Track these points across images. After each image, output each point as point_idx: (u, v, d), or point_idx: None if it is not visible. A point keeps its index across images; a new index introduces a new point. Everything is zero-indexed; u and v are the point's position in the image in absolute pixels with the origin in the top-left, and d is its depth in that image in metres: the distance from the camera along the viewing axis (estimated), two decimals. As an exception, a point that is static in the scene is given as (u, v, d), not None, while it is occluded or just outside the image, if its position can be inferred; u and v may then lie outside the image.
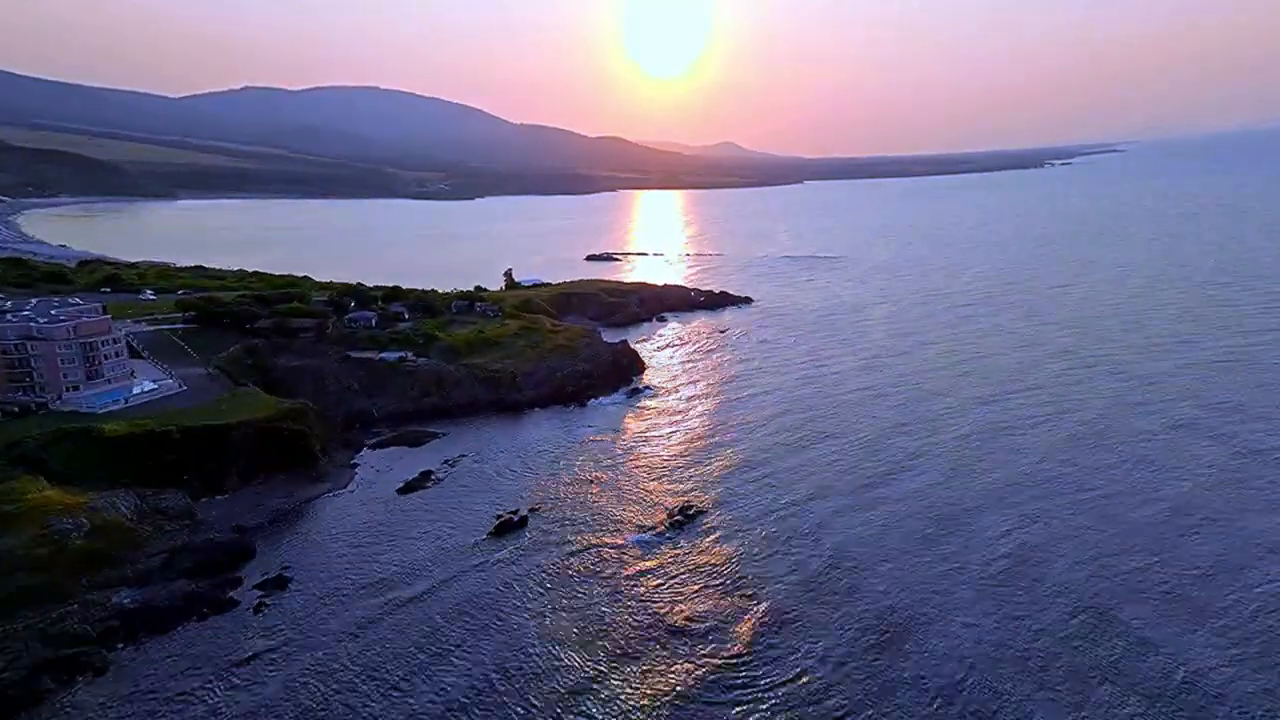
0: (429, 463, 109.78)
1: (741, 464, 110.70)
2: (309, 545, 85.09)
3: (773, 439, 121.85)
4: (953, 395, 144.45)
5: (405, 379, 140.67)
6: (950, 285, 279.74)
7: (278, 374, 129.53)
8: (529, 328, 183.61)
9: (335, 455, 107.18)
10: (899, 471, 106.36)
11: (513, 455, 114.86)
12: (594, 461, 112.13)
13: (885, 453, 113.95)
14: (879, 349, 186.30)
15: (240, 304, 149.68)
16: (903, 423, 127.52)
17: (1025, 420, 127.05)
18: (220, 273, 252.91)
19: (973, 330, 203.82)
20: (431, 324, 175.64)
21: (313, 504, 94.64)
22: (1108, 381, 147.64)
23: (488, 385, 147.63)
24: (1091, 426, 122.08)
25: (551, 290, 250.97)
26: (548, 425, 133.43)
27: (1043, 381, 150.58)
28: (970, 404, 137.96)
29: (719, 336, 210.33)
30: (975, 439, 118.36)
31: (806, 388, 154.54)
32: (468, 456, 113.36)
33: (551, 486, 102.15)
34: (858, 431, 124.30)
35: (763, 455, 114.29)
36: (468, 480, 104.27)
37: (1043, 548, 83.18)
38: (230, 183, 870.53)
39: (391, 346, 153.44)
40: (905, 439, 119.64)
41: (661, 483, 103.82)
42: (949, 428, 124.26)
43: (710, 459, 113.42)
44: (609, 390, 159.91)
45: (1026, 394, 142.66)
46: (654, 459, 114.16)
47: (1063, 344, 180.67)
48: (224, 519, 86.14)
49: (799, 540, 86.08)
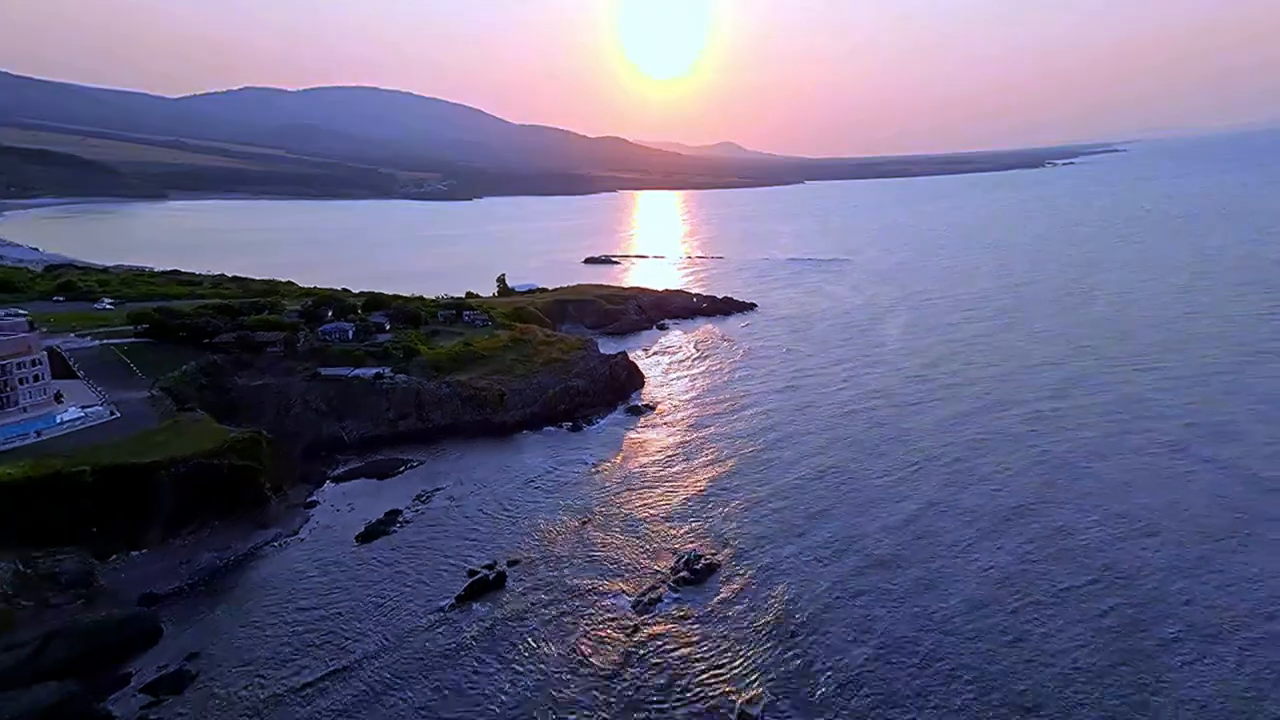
0: (398, 499, 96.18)
1: (753, 501, 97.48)
2: (231, 620, 69.66)
3: (787, 469, 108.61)
4: (976, 415, 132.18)
5: (380, 399, 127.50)
6: (965, 289, 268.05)
7: (237, 395, 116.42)
8: (520, 339, 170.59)
9: (290, 493, 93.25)
10: (932, 510, 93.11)
11: (494, 489, 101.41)
12: (586, 497, 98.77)
13: (911, 484, 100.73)
14: (893, 361, 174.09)
15: (200, 315, 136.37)
16: (929, 448, 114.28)
17: (1071, 451, 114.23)
18: (195, 278, 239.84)
19: (993, 339, 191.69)
20: (414, 336, 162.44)
21: (251, 559, 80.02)
22: (1144, 394, 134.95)
23: (472, 405, 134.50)
24: (1151, 462, 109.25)
25: (546, 297, 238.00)
26: (537, 451, 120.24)
27: (1078, 400, 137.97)
28: (1000, 427, 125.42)
29: (723, 346, 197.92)
30: (1017, 471, 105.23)
31: (819, 406, 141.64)
32: (443, 491, 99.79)
33: (536, 530, 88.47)
34: (879, 459, 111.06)
35: (776, 489, 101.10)
36: (440, 523, 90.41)
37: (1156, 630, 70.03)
38: (224, 183, 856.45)
39: (368, 362, 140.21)
40: (933, 467, 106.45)
41: (663, 524, 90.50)
42: (982, 454, 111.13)
43: (718, 494, 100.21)
44: (606, 408, 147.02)
45: (1063, 416, 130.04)
46: (655, 493, 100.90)
47: (1084, 353, 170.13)
48: (134, 584, 71.02)
49: (833, 610, 71.77)
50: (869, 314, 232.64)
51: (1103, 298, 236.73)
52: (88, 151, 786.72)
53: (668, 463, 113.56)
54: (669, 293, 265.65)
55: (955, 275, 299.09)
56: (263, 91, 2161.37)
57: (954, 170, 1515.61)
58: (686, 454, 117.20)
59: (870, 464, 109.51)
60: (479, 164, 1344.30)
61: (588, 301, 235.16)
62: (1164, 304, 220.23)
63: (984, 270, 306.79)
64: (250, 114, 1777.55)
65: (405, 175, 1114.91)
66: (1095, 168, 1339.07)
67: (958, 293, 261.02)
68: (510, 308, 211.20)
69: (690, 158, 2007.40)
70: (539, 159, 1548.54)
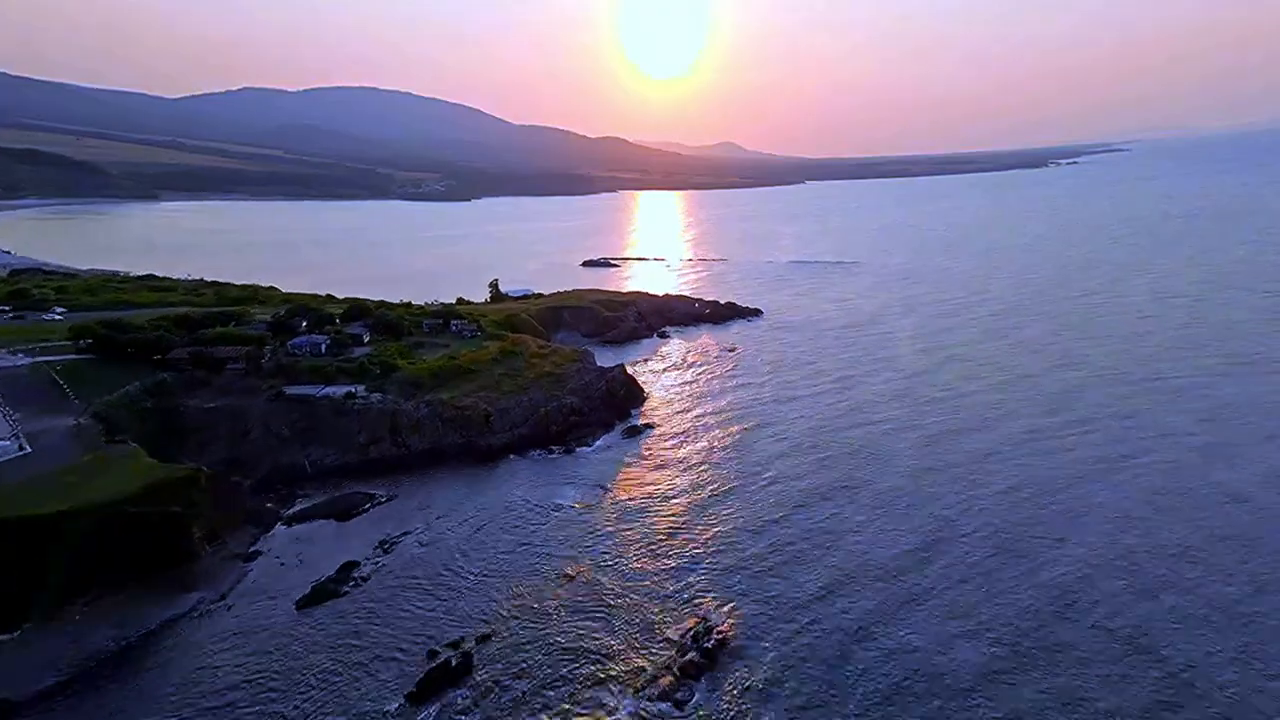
0: (357, 547, 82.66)
1: (771, 547, 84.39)
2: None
3: (805, 506, 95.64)
4: (997, 430, 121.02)
5: (351, 421, 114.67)
6: (976, 294, 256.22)
7: (187, 419, 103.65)
8: (511, 351, 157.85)
9: (230, 541, 79.53)
10: (980, 577, 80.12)
11: (472, 532, 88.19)
12: (576, 544, 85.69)
13: (945, 532, 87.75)
14: (911, 373, 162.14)
15: (156, 328, 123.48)
16: (958, 481, 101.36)
17: (1089, 467, 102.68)
18: (171, 283, 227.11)
19: (1008, 346, 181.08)
20: (395, 348, 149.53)
21: (158, 638, 64.93)
22: (1172, 412, 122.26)
23: (454, 427, 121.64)
24: (1172, 478, 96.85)
25: (541, 303, 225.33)
26: (523, 481, 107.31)
27: (1096, 413, 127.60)
28: (1020, 442, 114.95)
29: (727, 357, 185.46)
30: (1043, 496, 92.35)
31: (833, 425, 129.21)
32: (412, 536, 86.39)
33: (516, 590, 75.13)
34: (908, 491, 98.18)
35: (796, 532, 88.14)
36: (402, 581, 76.79)
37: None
38: (219, 184, 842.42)
39: (340, 379, 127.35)
40: (967, 506, 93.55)
41: (665, 580, 77.45)
42: (1025, 486, 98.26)
43: (726, 537, 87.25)
44: (602, 429, 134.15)
45: (1082, 430, 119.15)
46: (654, 537, 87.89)
47: (1110, 364, 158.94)
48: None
49: (876, 696, 59.04)
50: (879, 320, 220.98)
51: (1125, 303, 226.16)
52: (79, 152, 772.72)
53: (668, 496, 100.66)
54: (670, 298, 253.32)
55: (965, 279, 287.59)
56: (262, 92, 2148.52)
57: (955, 170, 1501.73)
58: (690, 485, 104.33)
59: (896, 502, 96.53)
60: (479, 164, 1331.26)
61: (585, 308, 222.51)
62: (1194, 311, 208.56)
63: (994, 273, 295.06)
64: (249, 114, 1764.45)
65: (403, 175, 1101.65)
66: (1098, 167, 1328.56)
67: (970, 297, 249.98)
68: (502, 315, 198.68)
69: (690, 158, 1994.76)
70: (539, 159, 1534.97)
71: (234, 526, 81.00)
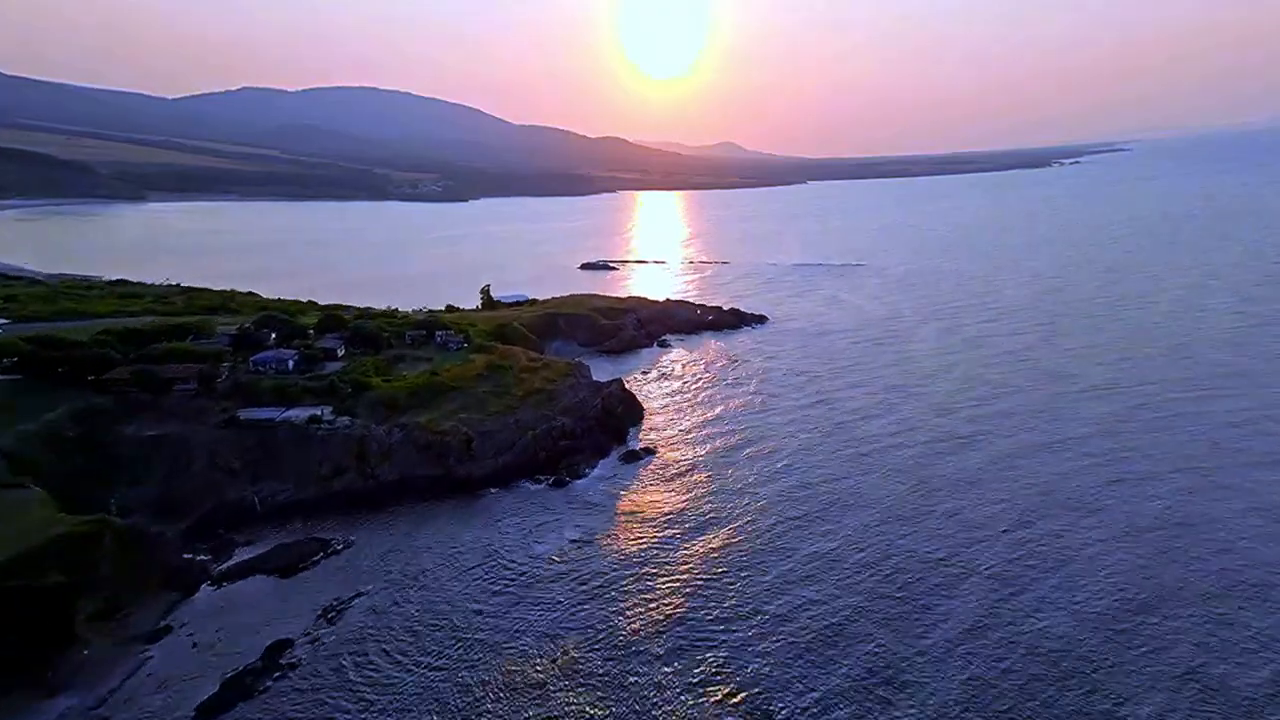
0: (297, 615, 69.03)
1: (785, 610, 71.49)
2: None
3: (821, 553, 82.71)
4: (1038, 455, 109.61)
5: (313, 450, 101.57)
6: (988, 298, 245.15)
7: (120, 451, 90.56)
8: (499, 365, 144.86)
9: (136, 613, 65.03)
10: (1025, 635, 67.19)
11: (437, 593, 74.64)
12: (561, 608, 72.40)
13: (983, 579, 74.87)
14: (930, 386, 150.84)
15: (99, 343, 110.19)
16: (988, 511, 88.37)
17: (1122, 493, 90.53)
18: (141, 289, 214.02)
19: (1033, 358, 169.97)
20: (371, 364, 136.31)
21: None
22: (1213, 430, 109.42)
23: (430, 455, 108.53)
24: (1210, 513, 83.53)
25: (534, 311, 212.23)
26: (505, 521, 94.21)
27: (1130, 427, 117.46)
28: (1045, 463, 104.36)
29: (732, 369, 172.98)
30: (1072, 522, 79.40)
31: (850, 450, 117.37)
32: (365, 598, 72.97)
33: (484, 683, 61.26)
34: (935, 536, 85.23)
35: (821, 587, 75.28)
36: (342, 670, 62.18)
37: None
38: (212, 184, 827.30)
39: (305, 399, 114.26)
40: (1001, 542, 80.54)
41: (668, 660, 64.32)
42: (1055, 513, 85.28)
43: (738, 595, 74.33)
44: (596, 454, 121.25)
45: (1114, 448, 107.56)
46: (654, 595, 74.86)
47: (1135, 373, 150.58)
48: None
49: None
50: (891, 327, 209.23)
51: (1140, 306, 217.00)
52: (67, 151, 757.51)
53: (671, 542, 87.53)
54: (671, 303, 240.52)
55: (977, 282, 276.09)
56: (262, 92, 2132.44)
57: (956, 170, 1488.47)
58: (695, 527, 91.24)
59: (926, 544, 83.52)
60: (478, 164, 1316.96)
61: (581, 316, 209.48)
62: (1212, 315, 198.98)
63: (1007, 276, 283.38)
64: (249, 114, 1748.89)
65: (400, 176, 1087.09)
66: (1100, 167, 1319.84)
67: (983, 302, 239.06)
68: (493, 324, 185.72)
69: (690, 158, 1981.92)
70: (539, 159, 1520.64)
71: (146, 592, 67.02)
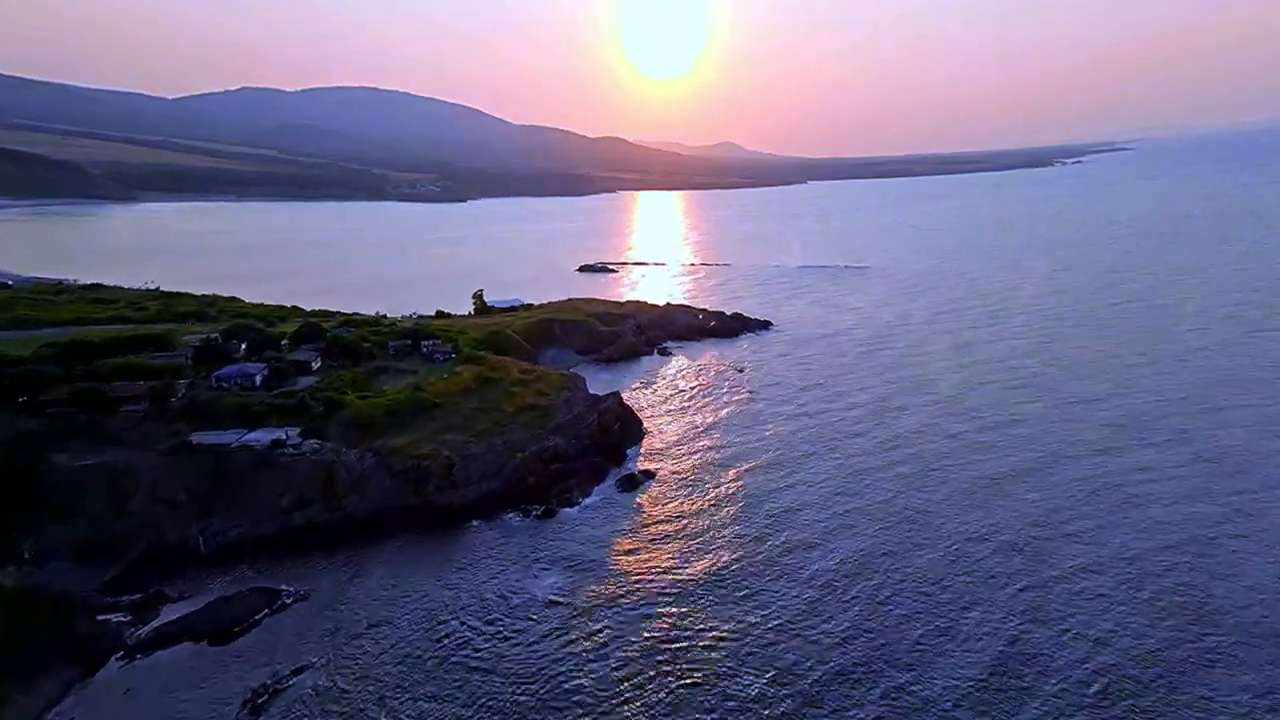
0: (219, 700, 56.89)
1: (813, 670, 61.28)
2: None
3: (842, 603, 72.51)
4: (1067, 474, 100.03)
5: (273, 479, 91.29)
6: (1000, 301, 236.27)
7: (48, 483, 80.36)
8: (488, 378, 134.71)
9: (14, 705, 52.67)
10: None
11: (398, 661, 63.90)
12: (548, 680, 61.74)
13: (1023, 628, 64.57)
14: (947, 396, 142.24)
15: (42, 358, 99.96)
16: (1019, 539, 78.08)
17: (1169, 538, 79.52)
18: (115, 294, 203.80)
19: (1051, 363, 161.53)
20: (349, 377, 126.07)
21: None
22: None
23: (407, 483, 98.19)
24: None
25: (529, 318, 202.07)
26: (488, 562, 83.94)
27: (1175, 455, 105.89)
28: (1068, 482, 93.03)
29: (737, 379, 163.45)
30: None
31: (868, 467, 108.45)
32: (310, 672, 61.69)
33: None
34: (970, 573, 74.93)
35: (850, 647, 65.07)
36: None
37: None
38: (205, 184, 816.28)
39: (271, 419, 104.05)
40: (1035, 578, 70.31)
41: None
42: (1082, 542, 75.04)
43: (763, 663, 64.08)
44: (592, 478, 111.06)
45: (1163, 478, 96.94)
46: (660, 664, 64.53)
47: (1162, 383, 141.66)
48: None
49: None
50: (902, 334, 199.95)
51: (1155, 309, 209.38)
52: (59, 151, 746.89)
53: (675, 588, 77.32)
54: (671, 308, 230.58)
55: (986, 284, 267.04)
56: (261, 91, 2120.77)
57: (958, 170, 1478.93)
58: (699, 572, 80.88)
59: (963, 587, 73.24)
60: (478, 164, 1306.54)
61: (578, 323, 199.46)
62: (1232, 319, 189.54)
63: (1017, 278, 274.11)
64: (248, 114, 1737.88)
65: (398, 176, 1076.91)
66: (1103, 167, 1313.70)
67: (994, 305, 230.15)
68: (485, 331, 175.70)
69: (690, 158, 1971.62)
70: (539, 159, 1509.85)
71: (39, 673, 55.77)
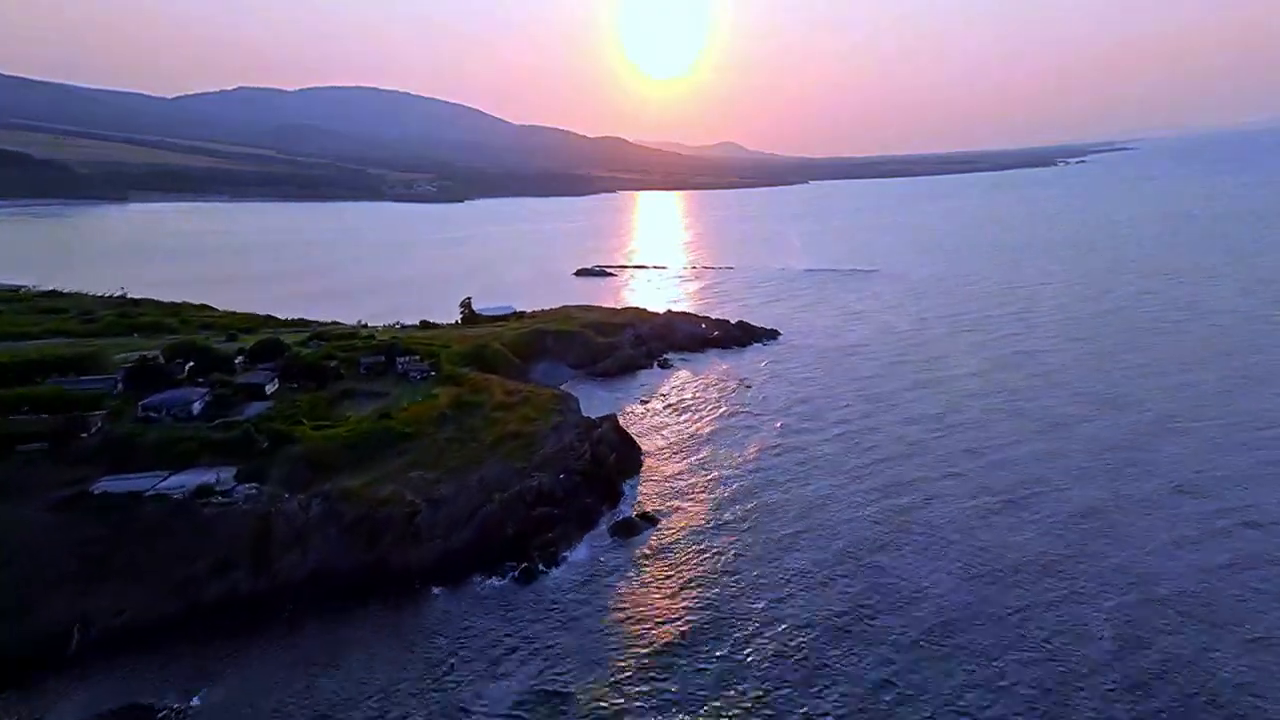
0: None
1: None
2: None
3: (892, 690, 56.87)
4: (1094, 511, 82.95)
5: (189, 538, 75.59)
6: (1026, 307, 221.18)
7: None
8: (468, 400, 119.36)
9: None
10: None
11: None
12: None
13: None
14: (982, 421, 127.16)
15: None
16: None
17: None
18: (69, 301, 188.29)
19: (1084, 376, 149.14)
20: (306, 403, 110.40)
21: None
22: None
23: (358, 537, 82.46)
24: None
25: (520, 327, 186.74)
26: (445, 647, 68.05)
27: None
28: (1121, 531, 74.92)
29: (745, 397, 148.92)
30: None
31: (902, 509, 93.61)
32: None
33: None
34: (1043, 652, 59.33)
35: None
36: None
37: None
38: (199, 184, 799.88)
39: (204, 458, 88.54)
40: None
41: None
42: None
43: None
44: (582, 524, 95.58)
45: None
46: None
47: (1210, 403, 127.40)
48: None
49: None
50: (918, 344, 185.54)
51: (1187, 314, 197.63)
52: (48, 150, 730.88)
53: (676, 691, 61.55)
54: (673, 316, 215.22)
55: (1004, 289, 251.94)
56: (261, 91, 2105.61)
57: (960, 169, 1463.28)
58: (712, 661, 65.22)
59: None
60: (478, 164, 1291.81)
61: (573, 333, 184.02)
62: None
63: (1037, 282, 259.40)
64: (247, 114, 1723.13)
65: (395, 176, 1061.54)
66: (1105, 167, 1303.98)
67: (1017, 312, 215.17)
68: (469, 345, 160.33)
69: (691, 158, 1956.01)
70: (539, 159, 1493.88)
71: None
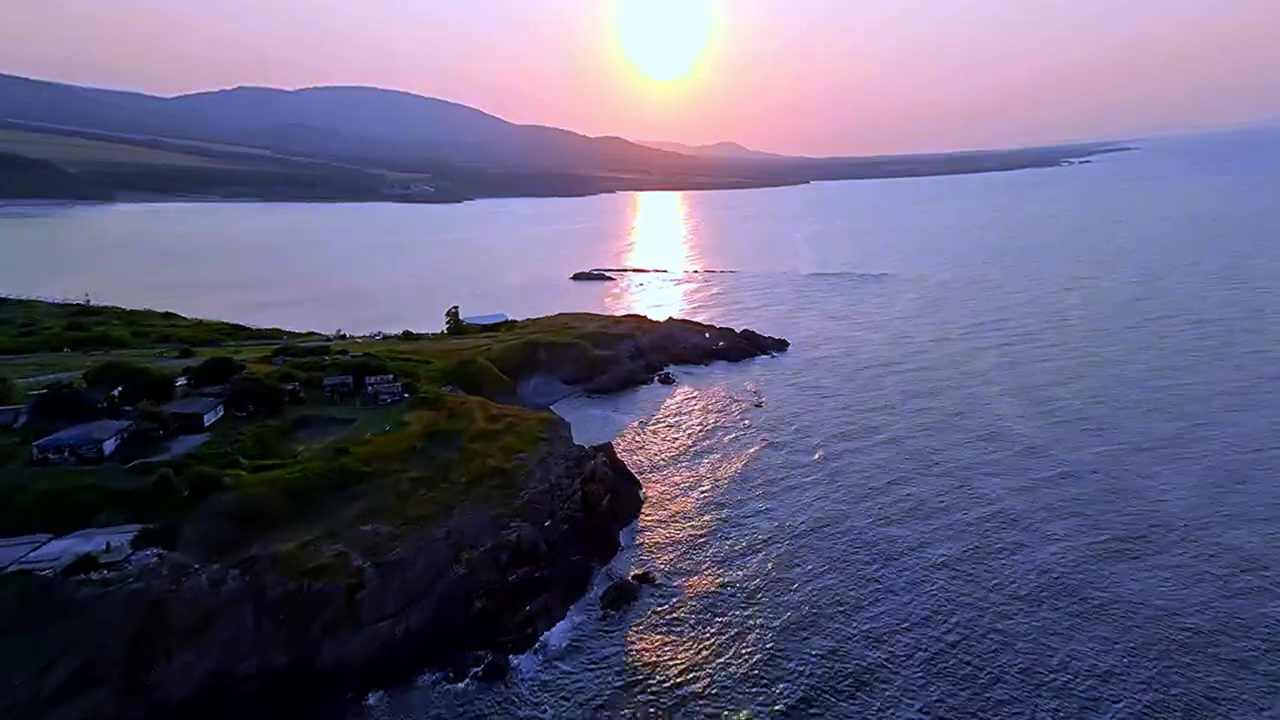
0: None
1: None
2: None
3: None
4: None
5: (44, 637, 58.72)
6: (1052, 315, 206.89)
7: None
8: (443, 428, 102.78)
9: None
10: None
11: None
12: None
13: None
14: (1019, 443, 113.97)
15: None
16: None
17: None
18: (14, 313, 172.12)
19: (1128, 394, 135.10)
20: (251, 435, 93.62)
21: None
22: None
23: (284, 623, 65.62)
24: None
25: (510, 338, 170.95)
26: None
27: None
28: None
29: (754, 418, 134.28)
30: None
31: (928, 570, 76.75)
32: None
33: None
34: None
35: None
36: None
37: None
38: (190, 185, 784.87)
39: (103, 513, 71.95)
40: None
41: None
42: None
43: None
44: (567, 590, 79.67)
45: None
46: None
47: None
48: None
49: None
50: (942, 359, 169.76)
51: (1236, 326, 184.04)
52: (32, 150, 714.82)
53: None
54: (674, 325, 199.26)
55: (1026, 296, 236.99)
56: (260, 91, 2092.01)
57: (964, 170, 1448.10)
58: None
59: None
60: (477, 164, 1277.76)
61: (567, 345, 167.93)
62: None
63: (1062, 289, 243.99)
64: (246, 114, 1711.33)
65: (394, 176, 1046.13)
66: (1110, 166, 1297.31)
67: (1045, 321, 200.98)
68: (453, 359, 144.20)
69: (691, 158, 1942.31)
70: (539, 159, 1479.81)
71: None
